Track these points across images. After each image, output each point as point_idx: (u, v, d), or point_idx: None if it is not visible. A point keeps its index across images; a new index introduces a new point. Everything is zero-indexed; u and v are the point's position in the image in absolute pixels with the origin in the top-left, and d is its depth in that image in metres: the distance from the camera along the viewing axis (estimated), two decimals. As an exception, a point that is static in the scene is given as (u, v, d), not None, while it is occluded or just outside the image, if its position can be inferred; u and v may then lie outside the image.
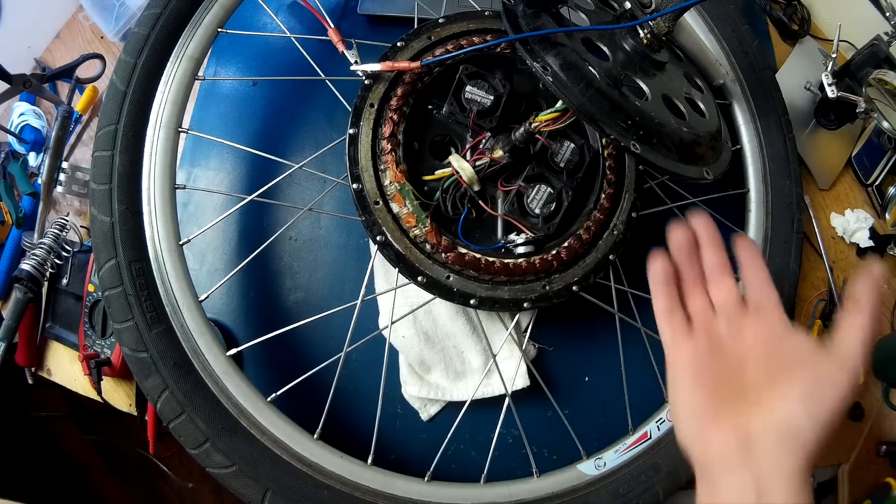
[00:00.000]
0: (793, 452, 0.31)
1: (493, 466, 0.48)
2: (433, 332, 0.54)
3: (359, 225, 0.46)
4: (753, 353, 0.35)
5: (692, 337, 0.37)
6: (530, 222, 0.47)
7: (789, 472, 0.30)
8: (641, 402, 0.53)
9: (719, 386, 0.35)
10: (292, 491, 0.41)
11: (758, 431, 0.32)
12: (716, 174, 0.41)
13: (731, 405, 0.34)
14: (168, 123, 0.47)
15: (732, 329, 0.37)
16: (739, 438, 0.32)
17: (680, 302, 0.38)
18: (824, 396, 0.31)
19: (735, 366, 0.35)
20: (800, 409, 0.31)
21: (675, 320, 0.37)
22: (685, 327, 0.37)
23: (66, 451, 1.18)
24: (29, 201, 0.68)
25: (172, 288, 0.44)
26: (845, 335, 0.33)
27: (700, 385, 0.35)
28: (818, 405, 0.31)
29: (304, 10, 0.60)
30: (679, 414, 0.35)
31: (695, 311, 0.38)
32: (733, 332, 0.36)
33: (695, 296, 0.38)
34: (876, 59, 0.69)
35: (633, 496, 0.47)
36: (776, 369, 0.34)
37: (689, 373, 0.36)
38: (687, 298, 0.38)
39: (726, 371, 0.35)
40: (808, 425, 0.31)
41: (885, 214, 0.73)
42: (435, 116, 0.50)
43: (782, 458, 0.31)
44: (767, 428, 0.32)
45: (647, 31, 0.41)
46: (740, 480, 0.31)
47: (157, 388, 0.41)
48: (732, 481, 0.31)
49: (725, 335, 0.37)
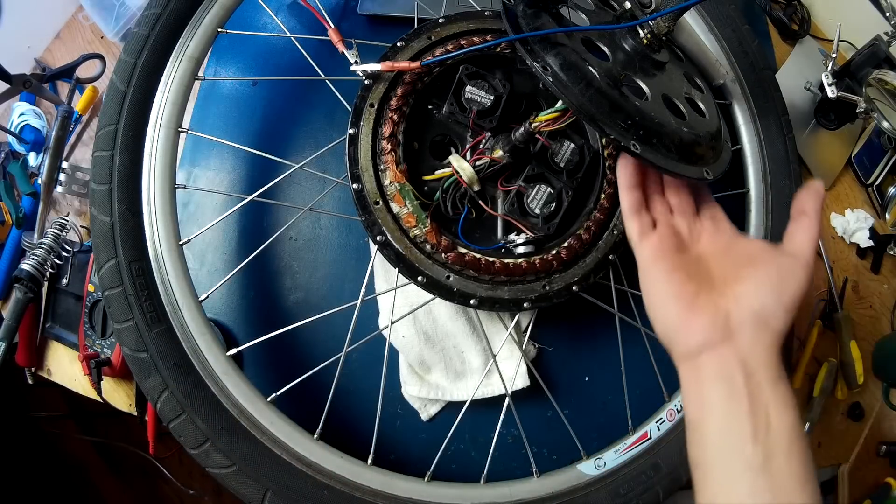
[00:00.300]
0: (768, 331, 0.33)
1: (493, 466, 0.48)
2: (433, 332, 0.54)
3: (359, 225, 0.46)
4: (713, 253, 0.39)
5: (657, 231, 0.40)
6: (530, 222, 0.47)
7: (768, 345, 0.33)
8: (641, 402, 0.53)
9: (690, 275, 0.37)
10: (292, 491, 0.41)
11: (734, 314, 0.34)
12: (716, 174, 0.41)
13: (707, 292, 0.36)
14: (168, 123, 0.47)
15: (691, 231, 0.41)
16: (720, 321, 0.34)
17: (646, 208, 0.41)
18: (787, 285, 0.34)
19: (699, 262, 0.38)
20: (768, 296, 0.34)
21: (641, 217, 0.40)
22: (650, 224, 0.40)
23: (66, 452, 1.18)
24: (29, 201, 0.68)
25: (172, 288, 0.44)
26: (797, 236, 0.36)
27: (673, 272, 0.37)
28: (783, 292, 0.34)
29: (304, 10, 0.60)
30: (657, 304, 0.37)
31: (657, 211, 0.41)
32: (692, 235, 0.40)
33: (656, 201, 0.42)
34: (876, 59, 0.69)
35: (633, 496, 0.47)
36: (739, 264, 0.37)
37: (660, 261, 0.38)
38: (649, 203, 0.42)
39: (693, 264, 0.38)
40: (777, 309, 0.34)
41: (885, 214, 0.73)
42: (435, 116, 0.50)
43: (761, 335, 0.33)
44: (742, 311, 0.34)
45: (647, 31, 0.41)
46: (725, 359, 0.33)
47: (157, 388, 0.41)
48: (717, 362, 0.33)
49: (685, 234, 0.40)
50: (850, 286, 0.69)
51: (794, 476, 0.29)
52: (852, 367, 0.63)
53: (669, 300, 0.36)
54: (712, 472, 0.31)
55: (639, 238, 0.39)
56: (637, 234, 0.39)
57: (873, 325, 0.69)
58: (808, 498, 0.29)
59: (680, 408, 0.52)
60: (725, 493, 0.30)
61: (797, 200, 0.38)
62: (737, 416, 0.31)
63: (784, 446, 0.30)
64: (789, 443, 0.30)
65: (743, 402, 0.31)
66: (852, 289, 0.69)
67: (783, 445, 0.30)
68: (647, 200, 0.42)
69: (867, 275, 0.71)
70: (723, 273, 0.37)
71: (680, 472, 0.48)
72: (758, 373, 0.32)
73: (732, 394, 0.32)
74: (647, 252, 0.38)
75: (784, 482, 0.29)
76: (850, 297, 0.69)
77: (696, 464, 0.32)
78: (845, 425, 0.64)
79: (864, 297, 0.70)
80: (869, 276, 0.71)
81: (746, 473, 0.29)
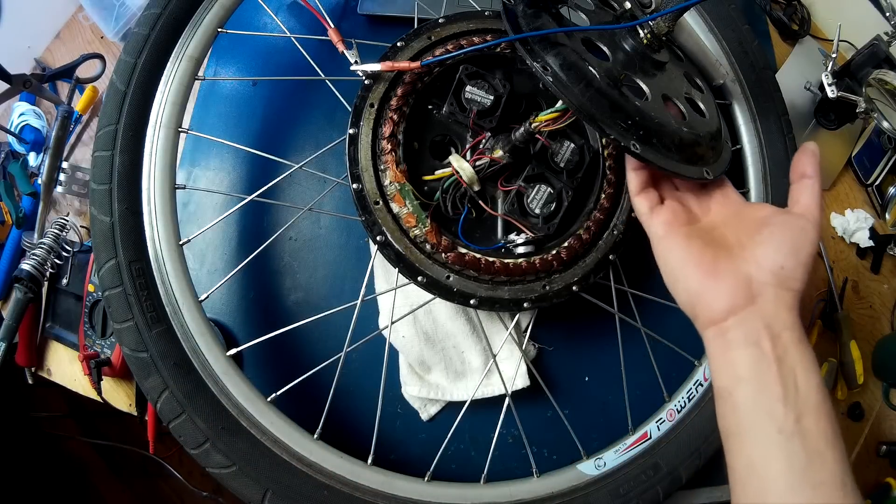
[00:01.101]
0: (789, 290, 0.34)
1: (493, 466, 0.48)
2: (433, 332, 0.54)
3: (359, 225, 0.46)
4: (724, 220, 0.39)
5: (665, 205, 0.40)
6: (530, 222, 0.47)
7: (790, 305, 0.33)
8: (641, 402, 0.53)
9: (706, 243, 0.37)
10: (292, 491, 0.41)
11: (756, 276, 0.34)
12: (716, 174, 0.41)
13: (726, 257, 0.36)
14: (168, 123, 0.47)
15: (700, 203, 0.41)
16: (742, 284, 0.34)
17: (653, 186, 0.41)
18: (800, 243, 0.35)
19: (712, 228, 0.39)
20: (787, 256, 0.34)
21: (649, 194, 0.40)
22: (658, 199, 0.40)
23: (67, 452, 1.18)
24: (29, 201, 0.68)
25: (172, 288, 0.44)
26: (802, 198, 0.37)
27: (689, 240, 0.37)
28: (799, 250, 0.35)
29: (304, 10, 0.60)
30: (677, 273, 0.37)
31: (664, 189, 0.42)
32: (701, 206, 0.41)
33: (662, 180, 0.42)
34: (876, 59, 0.69)
35: (633, 496, 0.47)
36: (752, 229, 0.37)
37: (673, 232, 0.38)
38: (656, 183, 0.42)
39: (706, 231, 0.38)
40: (796, 267, 0.34)
41: (885, 214, 0.73)
42: (435, 116, 0.50)
43: (782, 295, 0.34)
44: (764, 272, 0.34)
45: (647, 31, 0.41)
46: (751, 323, 0.33)
47: (157, 388, 0.41)
48: (743, 326, 0.33)
49: (694, 206, 0.41)
50: (850, 286, 0.69)
51: (822, 434, 0.30)
52: (852, 367, 0.63)
53: (689, 267, 0.36)
54: (746, 437, 0.32)
55: (649, 212, 0.39)
56: (647, 209, 0.40)
57: (873, 325, 0.69)
58: (838, 454, 0.30)
59: (680, 408, 0.52)
60: (760, 456, 0.31)
61: (796, 164, 0.38)
62: (767, 381, 0.31)
63: (812, 406, 0.30)
64: (817, 402, 0.30)
65: (772, 366, 0.31)
66: (852, 289, 0.69)
67: (811, 405, 0.30)
68: (653, 181, 0.42)
69: (867, 275, 0.71)
70: (738, 238, 0.37)
71: (680, 472, 0.48)
72: (784, 335, 0.32)
73: (761, 358, 0.32)
74: (658, 225, 0.38)
75: (814, 441, 0.30)
76: (850, 297, 0.69)
77: (729, 432, 0.33)
78: (845, 425, 0.64)
79: (864, 297, 0.70)
80: (869, 276, 0.71)
81: (779, 436, 0.30)
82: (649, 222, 0.39)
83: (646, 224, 0.40)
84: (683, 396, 0.53)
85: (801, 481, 0.29)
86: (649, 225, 0.39)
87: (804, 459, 0.29)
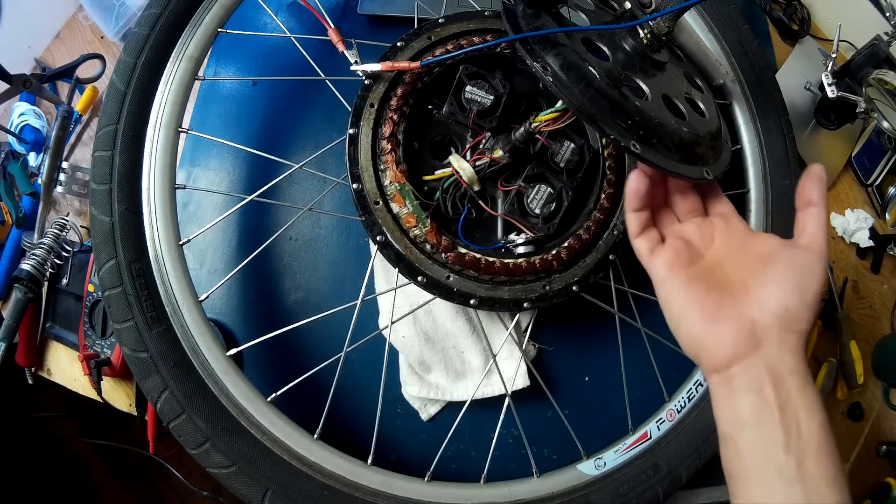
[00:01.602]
0: (793, 333, 0.33)
1: (493, 466, 0.48)
2: (433, 332, 0.54)
3: (359, 225, 0.46)
4: (727, 254, 0.38)
5: (667, 245, 0.39)
6: (530, 222, 0.47)
7: (794, 348, 0.33)
8: (641, 402, 0.53)
9: (709, 285, 0.36)
10: (292, 491, 0.41)
11: (760, 321, 0.33)
12: (716, 174, 0.41)
13: (729, 300, 0.35)
14: (168, 123, 0.47)
15: (702, 235, 0.39)
16: (745, 330, 0.33)
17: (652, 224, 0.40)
18: (806, 282, 0.34)
19: (714, 266, 0.37)
20: (791, 297, 0.33)
21: (649, 235, 0.39)
22: (658, 239, 0.39)
23: (67, 452, 1.18)
24: (29, 201, 0.68)
25: (172, 288, 0.44)
26: (808, 228, 0.36)
27: (691, 284, 0.36)
28: (805, 290, 0.33)
29: (304, 10, 0.60)
30: (679, 319, 0.36)
31: (664, 224, 0.41)
32: (703, 238, 0.39)
33: (662, 214, 0.41)
34: (876, 59, 0.69)
35: (633, 496, 0.47)
36: (756, 265, 0.36)
37: (675, 275, 0.37)
38: (656, 218, 0.41)
39: (709, 271, 0.37)
40: (801, 309, 0.33)
41: (885, 214, 0.73)
42: (435, 116, 0.50)
43: (787, 338, 0.33)
44: (767, 316, 0.33)
45: (647, 31, 0.41)
46: (755, 370, 0.32)
47: (157, 388, 0.41)
48: (747, 373, 0.33)
49: (696, 240, 0.39)
50: (850, 286, 0.69)
51: (824, 477, 0.30)
52: (852, 367, 0.63)
53: (692, 313, 0.35)
54: (747, 482, 0.32)
55: (649, 255, 0.38)
56: (647, 251, 0.39)
57: (873, 325, 0.69)
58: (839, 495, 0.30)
59: (680, 408, 0.52)
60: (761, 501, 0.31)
61: (801, 190, 0.37)
62: (769, 428, 0.31)
63: (814, 449, 0.30)
64: (818, 445, 0.30)
65: (774, 413, 0.31)
66: (852, 289, 0.69)
67: (813, 449, 0.30)
68: (653, 214, 0.41)
69: (867, 275, 0.71)
70: (741, 276, 0.36)
71: (680, 472, 0.48)
72: (787, 380, 0.32)
73: (764, 406, 0.32)
74: (660, 267, 0.37)
75: (815, 485, 0.30)
76: (850, 297, 0.69)
77: (731, 474, 0.33)
78: (845, 425, 0.64)
79: (864, 297, 0.70)
80: (869, 276, 0.71)
81: (779, 481, 0.30)
82: (650, 264, 0.38)
83: (647, 266, 0.39)
84: (683, 396, 0.53)
85: None
86: (650, 267, 0.38)
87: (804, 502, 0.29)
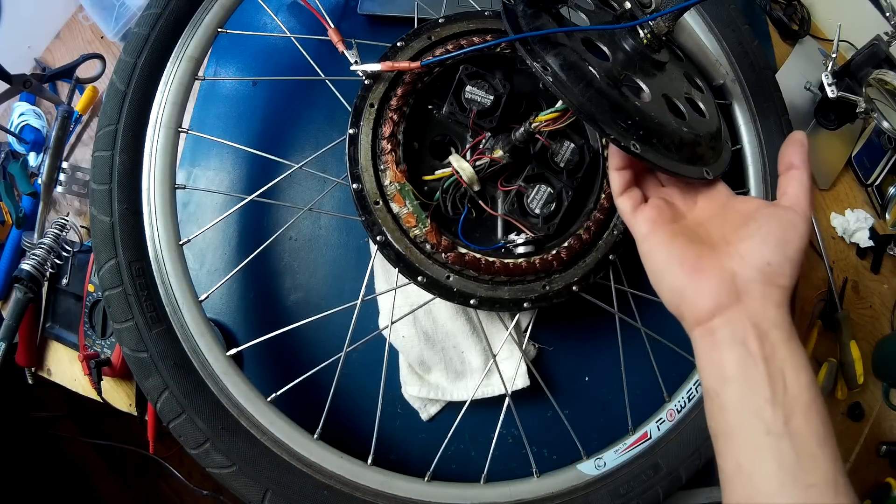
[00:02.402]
0: (776, 287, 0.33)
1: (493, 466, 0.48)
2: (433, 332, 0.54)
3: (359, 225, 0.46)
4: (710, 215, 0.38)
5: (650, 203, 0.39)
6: (530, 222, 0.47)
7: (778, 302, 0.33)
8: (641, 402, 0.53)
9: (691, 240, 0.36)
10: (292, 491, 0.41)
11: (741, 274, 0.33)
12: (716, 174, 0.41)
13: (710, 254, 0.35)
14: (168, 123, 0.47)
15: (685, 198, 0.40)
16: (727, 282, 0.33)
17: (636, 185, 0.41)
18: (789, 238, 0.34)
19: (697, 225, 0.38)
20: (773, 251, 0.33)
21: (632, 194, 0.40)
22: (641, 198, 0.39)
23: (66, 452, 1.18)
24: (29, 201, 0.68)
25: (172, 288, 0.44)
26: (790, 189, 0.36)
27: (673, 238, 0.36)
28: (787, 245, 0.34)
29: (304, 10, 0.60)
30: (661, 273, 0.36)
31: (648, 186, 0.41)
32: (686, 201, 0.40)
33: (646, 177, 0.41)
34: (876, 59, 0.69)
35: (633, 496, 0.47)
36: (738, 224, 0.36)
37: (658, 230, 0.37)
38: (640, 180, 0.41)
39: (691, 230, 0.37)
40: (783, 263, 0.33)
41: (885, 214, 0.73)
42: (435, 116, 0.50)
43: (770, 292, 0.33)
44: (749, 269, 0.33)
45: (647, 31, 0.41)
46: (738, 322, 0.32)
47: (157, 388, 0.41)
48: (730, 325, 0.33)
49: (679, 202, 0.40)
50: (850, 286, 0.69)
51: (814, 435, 0.29)
52: (852, 367, 0.63)
53: (673, 266, 0.35)
54: (734, 439, 0.31)
55: (632, 211, 0.39)
56: (630, 209, 0.39)
57: (873, 325, 0.69)
58: (829, 454, 0.29)
59: (680, 407, 0.52)
60: (749, 458, 0.30)
61: (783, 155, 0.37)
62: (754, 381, 0.31)
63: (802, 406, 0.30)
64: (807, 402, 0.30)
65: (759, 365, 0.31)
66: (852, 289, 0.69)
67: (801, 406, 0.30)
68: (637, 178, 0.41)
69: (867, 275, 0.71)
70: (723, 233, 0.36)
71: (680, 472, 0.48)
72: (771, 333, 0.32)
73: (748, 358, 0.31)
74: (642, 224, 0.38)
75: (805, 442, 0.29)
76: (850, 297, 0.69)
77: (717, 432, 0.32)
78: (845, 425, 0.64)
79: (864, 297, 0.70)
80: (869, 276, 0.71)
81: (768, 437, 0.29)
82: (633, 221, 0.38)
83: (629, 223, 0.39)
84: (683, 396, 0.53)
85: (792, 483, 0.29)
86: (633, 224, 0.38)
87: (794, 461, 0.29)
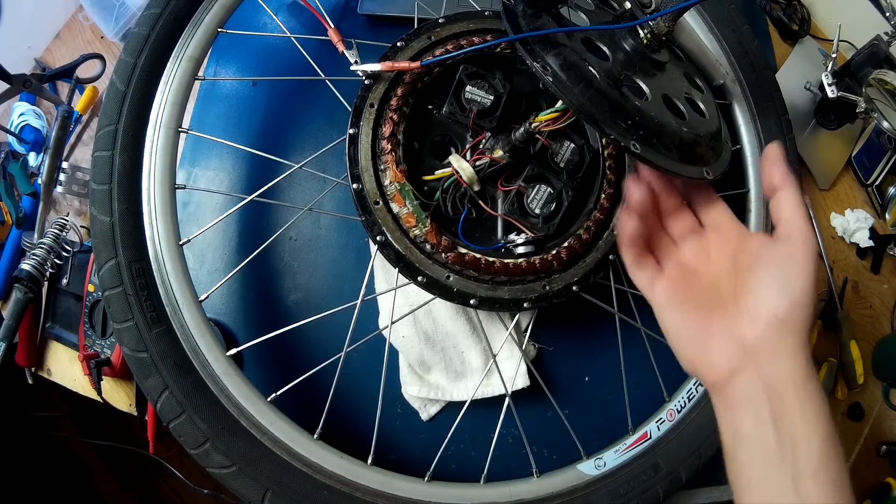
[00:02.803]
0: (788, 333, 0.32)
1: (493, 466, 0.48)
2: (433, 332, 0.54)
3: (359, 225, 0.46)
4: (722, 268, 0.38)
5: (664, 273, 0.39)
6: (530, 222, 0.47)
7: (792, 350, 0.32)
8: (641, 402, 0.53)
9: (702, 305, 0.36)
10: (292, 491, 0.41)
11: (749, 331, 0.33)
12: (716, 174, 0.41)
13: (720, 318, 0.35)
14: (168, 123, 0.47)
15: (698, 253, 0.39)
16: (737, 345, 0.34)
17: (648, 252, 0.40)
18: (791, 278, 0.33)
19: (711, 285, 0.38)
20: (777, 299, 0.33)
21: (645, 266, 0.39)
22: (656, 269, 0.39)
23: (66, 452, 1.18)
24: (29, 201, 0.68)
25: (172, 288, 0.44)
26: (782, 213, 0.35)
27: (685, 309, 0.37)
28: (791, 288, 0.33)
29: (304, 10, 0.60)
30: (677, 342, 0.37)
31: (661, 249, 0.40)
32: (699, 256, 0.39)
33: (658, 238, 0.41)
34: (876, 59, 0.69)
35: (633, 496, 0.47)
36: (746, 270, 0.36)
37: (671, 303, 0.37)
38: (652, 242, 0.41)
39: (704, 292, 0.37)
40: (790, 310, 0.32)
41: (885, 214, 0.73)
42: (435, 116, 0.50)
43: (781, 342, 0.32)
44: (756, 324, 0.33)
45: (647, 31, 0.41)
46: (750, 384, 0.33)
47: (157, 388, 0.41)
48: (742, 387, 0.33)
49: (693, 261, 0.39)
50: (850, 286, 0.69)
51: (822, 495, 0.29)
52: (852, 367, 0.63)
53: (683, 336, 0.36)
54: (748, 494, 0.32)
55: (647, 285, 0.39)
56: (646, 283, 0.39)
57: (873, 325, 0.69)
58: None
59: (680, 408, 0.52)
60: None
61: (764, 178, 0.36)
62: (765, 443, 0.31)
63: (812, 467, 0.30)
64: (818, 463, 0.30)
65: (769, 429, 0.31)
66: (852, 289, 0.69)
67: (811, 467, 0.30)
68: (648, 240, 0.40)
69: (867, 275, 0.71)
70: (734, 287, 0.36)
71: (680, 472, 0.49)
72: (785, 392, 0.31)
73: (758, 420, 0.32)
74: (658, 297, 0.38)
75: None
76: (850, 297, 0.69)
77: (734, 484, 0.33)
78: (845, 425, 0.64)
79: (864, 297, 0.70)
80: (869, 276, 0.71)
81: (778, 498, 0.30)
82: (650, 295, 0.38)
83: (646, 296, 0.39)
84: (683, 396, 0.53)
85: None
86: (650, 297, 0.39)
87: None
